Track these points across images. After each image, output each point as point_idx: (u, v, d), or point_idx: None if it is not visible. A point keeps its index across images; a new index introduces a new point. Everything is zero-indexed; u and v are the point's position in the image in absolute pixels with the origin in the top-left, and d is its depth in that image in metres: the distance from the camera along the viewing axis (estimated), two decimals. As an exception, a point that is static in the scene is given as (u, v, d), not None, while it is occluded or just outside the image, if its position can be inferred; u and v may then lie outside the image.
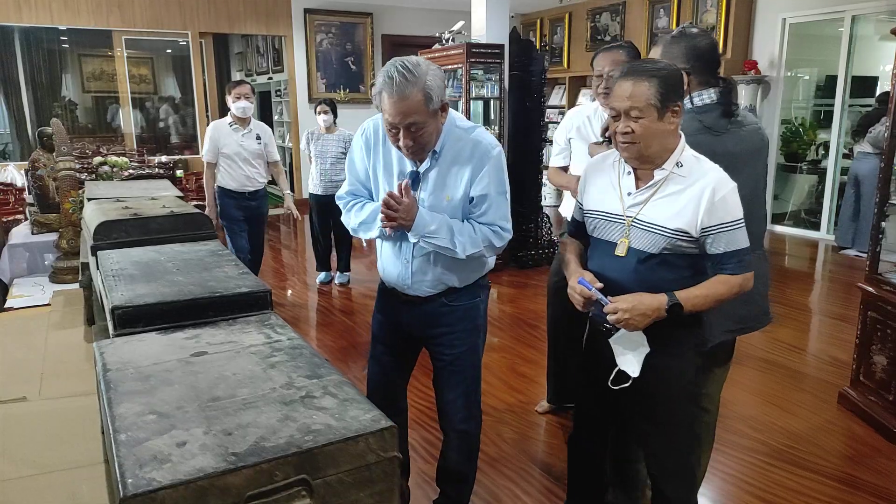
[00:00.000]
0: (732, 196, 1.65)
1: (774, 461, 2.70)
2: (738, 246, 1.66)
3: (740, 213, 1.66)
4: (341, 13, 8.97)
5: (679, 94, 1.66)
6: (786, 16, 6.88)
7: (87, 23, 7.58)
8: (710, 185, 1.64)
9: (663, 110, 1.63)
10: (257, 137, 4.46)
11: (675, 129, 1.68)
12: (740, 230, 1.66)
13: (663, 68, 1.67)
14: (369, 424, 1.06)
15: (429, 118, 1.76)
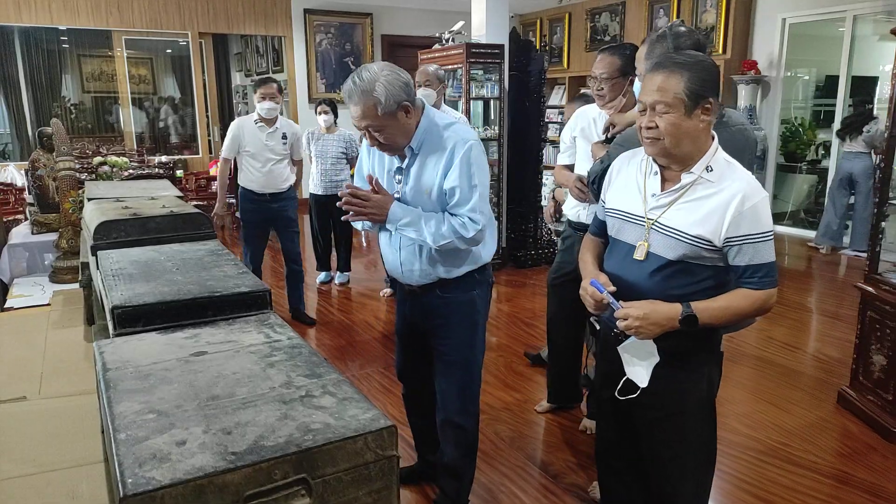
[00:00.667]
0: (763, 206, 1.54)
1: (769, 458, 2.71)
2: (764, 259, 1.55)
3: (770, 225, 1.55)
4: (341, 13, 8.98)
5: (713, 89, 1.54)
6: (785, 16, 6.89)
7: (86, 23, 7.59)
8: (741, 192, 1.53)
9: (693, 106, 1.53)
10: (283, 137, 4.23)
11: (706, 128, 1.57)
12: (768, 243, 1.55)
13: (699, 61, 1.55)
14: (368, 423, 1.06)
15: (384, 121, 1.88)
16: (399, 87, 1.88)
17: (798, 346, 3.94)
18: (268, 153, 4.18)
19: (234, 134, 4.20)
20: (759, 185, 1.57)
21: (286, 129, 4.26)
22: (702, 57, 1.59)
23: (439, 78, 3.87)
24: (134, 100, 8.63)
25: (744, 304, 1.57)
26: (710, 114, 1.55)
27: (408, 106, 1.91)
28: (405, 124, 1.93)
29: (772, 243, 1.56)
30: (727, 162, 1.59)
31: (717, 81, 1.56)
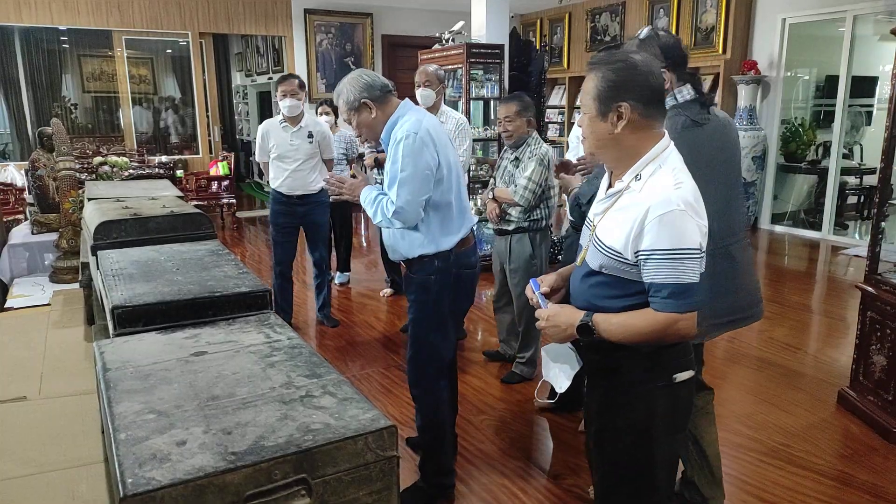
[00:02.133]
0: (669, 220, 1.38)
1: (769, 459, 2.70)
2: (667, 280, 1.39)
3: (683, 243, 1.38)
4: (341, 13, 8.98)
5: (629, 93, 1.42)
6: (785, 16, 6.89)
7: (86, 23, 7.59)
8: (648, 203, 1.40)
9: (604, 110, 1.44)
10: (309, 135, 4.06)
11: (631, 134, 1.45)
12: (679, 261, 1.38)
13: (614, 61, 1.45)
14: (368, 424, 1.06)
15: (353, 116, 2.30)
16: (360, 88, 2.25)
17: (799, 347, 3.94)
18: (294, 153, 4.04)
19: (261, 135, 4.12)
20: (673, 197, 1.39)
21: (312, 128, 4.10)
22: (621, 57, 1.45)
23: (439, 78, 3.87)
24: (134, 100, 8.64)
25: (642, 324, 1.44)
26: (623, 119, 1.43)
27: (367, 103, 2.25)
28: (370, 119, 2.28)
29: (687, 262, 1.38)
30: (660, 172, 1.44)
31: (641, 85, 1.43)
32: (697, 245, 1.40)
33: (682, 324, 1.42)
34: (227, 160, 8.41)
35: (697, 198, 1.44)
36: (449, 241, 2.29)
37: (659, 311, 1.42)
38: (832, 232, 6.82)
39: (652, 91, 1.44)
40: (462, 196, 2.38)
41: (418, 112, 2.31)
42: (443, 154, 2.25)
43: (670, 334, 1.43)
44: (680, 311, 1.40)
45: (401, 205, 2.18)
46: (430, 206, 2.25)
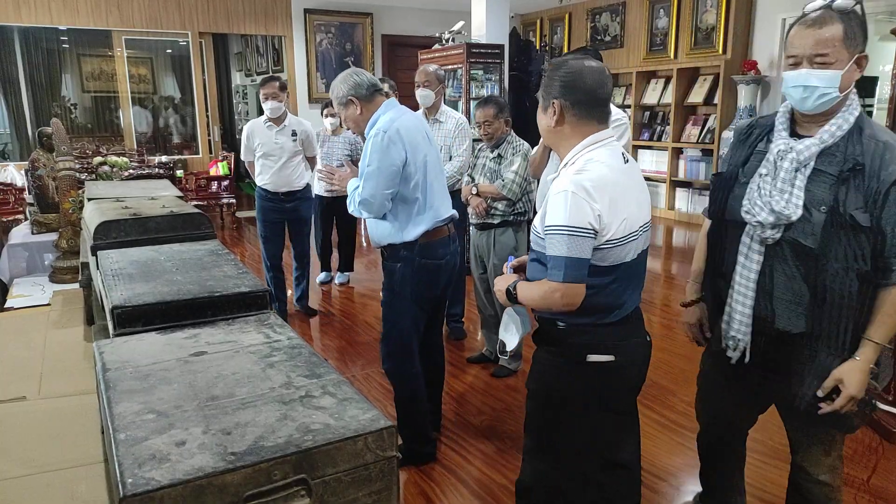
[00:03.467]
0: (558, 201, 1.58)
1: (770, 459, 2.70)
2: (555, 252, 1.57)
3: (558, 220, 1.57)
4: (341, 13, 8.98)
5: (557, 91, 1.69)
6: (785, 16, 6.89)
7: (86, 23, 7.59)
8: (553, 185, 1.65)
9: (545, 104, 1.74)
10: (293, 134, 4.27)
11: (559, 127, 1.70)
12: (553, 236, 1.57)
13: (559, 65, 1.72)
14: (368, 424, 1.06)
15: (341, 111, 2.54)
16: (349, 86, 2.48)
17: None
18: (279, 151, 4.23)
19: (246, 135, 4.31)
20: (569, 181, 1.58)
21: (295, 127, 4.32)
22: (558, 63, 1.72)
23: (439, 78, 3.87)
24: (134, 99, 8.64)
25: (535, 291, 1.67)
26: (556, 114, 1.69)
27: (353, 100, 2.48)
28: (356, 114, 2.51)
29: (559, 237, 1.56)
30: (580, 160, 1.65)
31: (573, 87, 1.66)
32: (583, 224, 1.56)
33: (559, 294, 1.59)
34: (227, 160, 8.42)
35: (598, 186, 1.58)
36: (414, 232, 2.48)
37: (549, 280, 1.60)
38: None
39: (584, 93, 1.66)
40: (433, 191, 2.53)
41: (396, 111, 2.49)
42: (412, 152, 2.43)
43: (553, 303, 1.61)
44: (557, 280, 1.58)
45: (365, 196, 2.42)
46: (398, 199, 2.46)
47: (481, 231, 3.51)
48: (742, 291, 1.71)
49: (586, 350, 1.68)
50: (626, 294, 1.69)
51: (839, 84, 1.55)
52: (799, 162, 1.61)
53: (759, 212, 1.63)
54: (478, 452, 2.78)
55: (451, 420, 3.06)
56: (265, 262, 4.44)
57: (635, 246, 1.67)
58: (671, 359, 3.74)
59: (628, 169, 1.70)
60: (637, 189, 1.71)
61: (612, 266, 1.64)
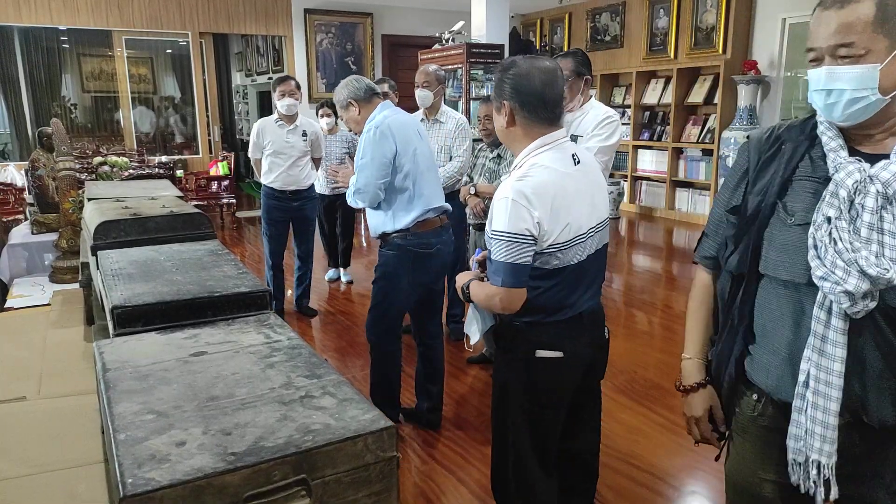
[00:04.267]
0: (498, 206, 1.61)
1: (773, 461, 2.70)
2: (495, 257, 1.62)
3: (499, 226, 1.60)
4: (341, 13, 8.98)
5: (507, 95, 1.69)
6: (785, 16, 6.89)
7: (86, 23, 7.59)
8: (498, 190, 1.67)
9: (497, 105, 1.73)
10: (303, 134, 4.30)
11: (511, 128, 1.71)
12: (494, 241, 1.62)
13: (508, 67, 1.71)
14: (368, 424, 1.06)
15: (343, 112, 2.82)
16: (349, 90, 2.76)
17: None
18: (290, 150, 4.24)
19: (256, 132, 4.30)
20: (511, 187, 1.60)
21: (306, 127, 4.33)
22: (507, 64, 1.71)
23: (438, 78, 3.87)
24: (134, 99, 8.64)
25: (479, 292, 1.72)
26: (506, 115, 1.70)
27: (353, 102, 2.76)
28: (356, 115, 2.78)
29: (498, 243, 1.60)
30: (526, 163, 1.67)
31: (516, 87, 1.67)
32: (521, 231, 1.58)
33: (498, 298, 1.64)
34: (227, 160, 8.42)
35: (539, 192, 1.59)
36: (405, 220, 2.69)
37: (488, 283, 1.67)
38: (832, 232, 6.81)
39: (532, 94, 1.66)
40: (423, 182, 2.72)
41: (391, 111, 2.77)
42: (403, 145, 2.66)
43: (492, 305, 1.68)
44: (497, 285, 1.63)
45: (359, 186, 2.67)
46: (390, 189, 2.68)
47: (480, 232, 3.51)
48: (823, 390, 1.17)
49: (536, 346, 1.73)
50: (575, 295, 1.72)
51: (878, 83, 1.12)
52: (887, 196, 1.12)
53: (845, 277, 1.11)
54: (478, 453, 2.78)
55: (451, 420, 3.06)
56: (267, 261, 4.48)
57: (583, 248, 1.69)
58: (671, 360, 3.73)
59: (579, 171, 1.69)
60: (589, 191, 1.71)
61: (556, 269, 1.67)
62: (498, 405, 1.88)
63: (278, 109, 4.22)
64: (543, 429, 1.83)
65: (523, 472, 1.85)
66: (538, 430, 1.83)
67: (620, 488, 2.52)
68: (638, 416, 3.04)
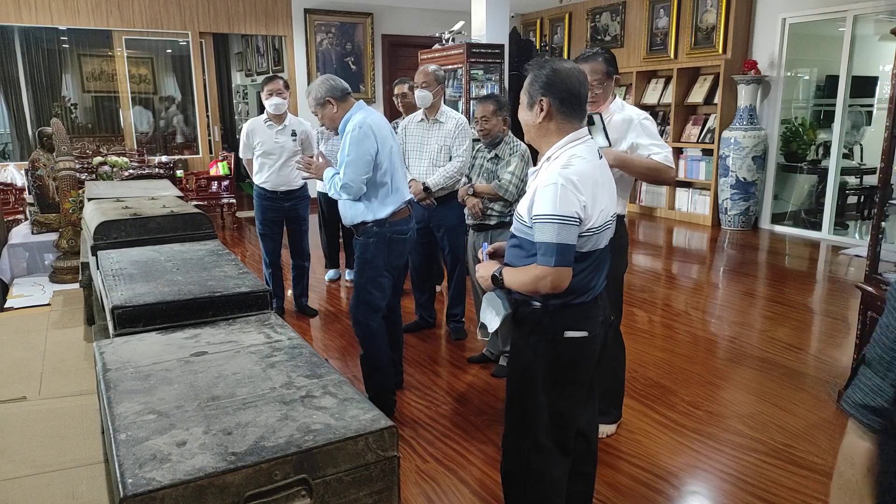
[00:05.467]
0: (548, 192, 1.71)
1: (772, 459, 2.70)
2: (544, 239, 1.72)
3: (549, 210, 1.71)
4: (341, 13, 8.97)
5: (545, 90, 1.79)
6: (785, 16, 6.89)
7: (86, 23, 7.59)
8: (541, 178, 1.77)
9: (531, 101, 1.84)
10: (293, 133, 4.28)
11: (547, 123, 1.82)
12: (552, 224, 1.71)
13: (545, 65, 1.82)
14: (369, 424, 1.06)
15: (318, 109, 2.94)
16: (326, 89, 2.89)
17: (800, 347, 3.94)
18: (279, 150, 4.24)
19: (246, 133, 4.32)
20: (557, 174, 1.72)
21: (296, 127, 4.32)
22: (539, 65, 1.83)
23: (437, 79, 3.87)
24: (134, 99, 8.64)
25: (523, 275, 1.79)
26: (543, 111, 1.80)
27: (330, 100, 2.90)
28: (332, 113, 2.92)
29: (555, 226, 1.70)
30: (564, 156, 1.78)
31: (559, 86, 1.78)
32: (571, 214, 1.70)
33: (550, 278, 1.72)
34: (227, 160, 8.41)
35: (583, 179, 1.73)
36: (384, 211, 2.93)
37: (537, 265, 1.73)
38: (832, 232, 6.81)
39: (568, 93, 1.79)
40: (397, 177, 2.98)
41: (366, 111, 2.95)
42: (382, 144, 2.88)
43: (542, 286, 1.74)
44: (548, 265, 1.71)
45: (346, 181, 2.85)
46: (369, 184, 2.89)
47: (478, 232, 3.50)
48: None
49: (564, 327, 1.83)
50: (597, 277, 1.87)
51: None
52: None
53: None
54: (478, 452, 2.78)
55: (451, 420, 3.06)
56: (264, 259, 4.50)
57: (608, 234, 1.85)
58: (671, 359, 3.74)
59: (602, 164, 1.85)
60: (610, 182, 1.87)
61: (589, 252, 1.80)
62: (518, 389, 1.92)
63: (267, 109, 4.23)
64: (568, 408, 1.91)
65: (540, 456, 1.91)
66: (561, 410, 1.90)
67: (621, 487, 2.51)
68: (638, 415, 3.04)
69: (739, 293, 5.05)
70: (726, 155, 7.07)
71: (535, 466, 1.92)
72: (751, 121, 7.02)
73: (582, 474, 2.09)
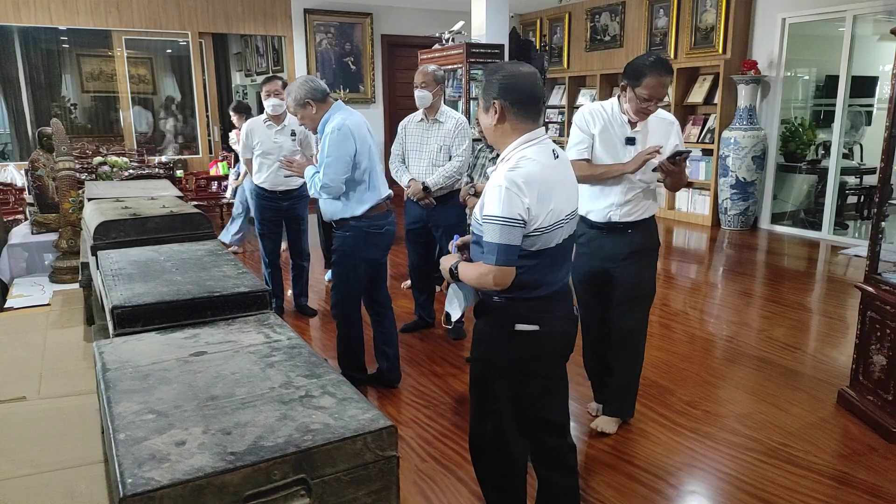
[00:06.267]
0: (493, 193, 1.78)
1: (769, 459, 2.70)
2: (489, 239, 1.79)
3: (493, 211, 1.77)
4: (341, 13, 8.97)
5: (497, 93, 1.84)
6: (785, 16, 6.89)
7: (85, 23, 7.59)
8: (491, 178, 1.85)
9: (486, 104, 1.89)
10: (292, 133, 4.31)
11: (500, 125, 1.87)
12: (495, 225, 1.77)
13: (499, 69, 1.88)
14: (368, 424, 1.06)
15: (298, 109, 3.05)
16: (306, 90, 2.99)
17: (798, 347, 3.94)
18: (278, 150, 4.25)
19: (245, 133, 4.34)
20: (503, 176, 1.78)
21: (295, 127, 4.33)
22: (492, 70, 1.90)
23: (437, 79, 3.87)
24: (134, 100, 8.64)
25: (471, 271, 1.87)
26: (497, 113, 1.85)
27: (309, 101, 3.00)
28: (312, 113, 3.03)
29: (493, 226, 1.77)
30: (515, 155, 1.84)
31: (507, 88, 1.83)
32: (514, 216, 1.76)
33: (492, 276, 1.79)
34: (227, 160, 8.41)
35: (528, 181, 1.77)
36: (361, 208, 3.08)
37: (481, 263, 1.82)
38: (832, 232, 6.82)
39: (521, 95, 1.84)
40: (375, 175, 3.12)
41: (345, 112, 3.07)
42: (361, 144, 3.01)
43: (486, 283, 1.82)
44: (492, 264, 1.79)
45: (326, 181, 2.99)
46: (349, 182, 3.03)
47: None
48: None
49: (515, 320, 1.89)
50: (552, 274, 1.90)
51: None
52: None
53: None
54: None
55: (450, 420, 3.07)
56: (263, 259, 4.51)
57: (560, 233, 1.88)
58: (670, 358, 3.74)
59: (558, 164, 1.88)
60: (566, 182, 1.91)
61: (538, 251, 1.85)
62: (479, 375, 2.03)
63: (266, 109, 4.26)
64: (525, 397, 1.99)
65: (501, 435, 2.02)
66: (518, 399, 1.98)
67: (620, 487, 2.52)
68: (637, 415, 3.04)
69: (738, 293, 5.05)
70: (726, 155, 7.08)
71: (493, 443, 2.03)
72: (750, 121, 7.02)
73: (565, 467, 2.13)
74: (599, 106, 2.75)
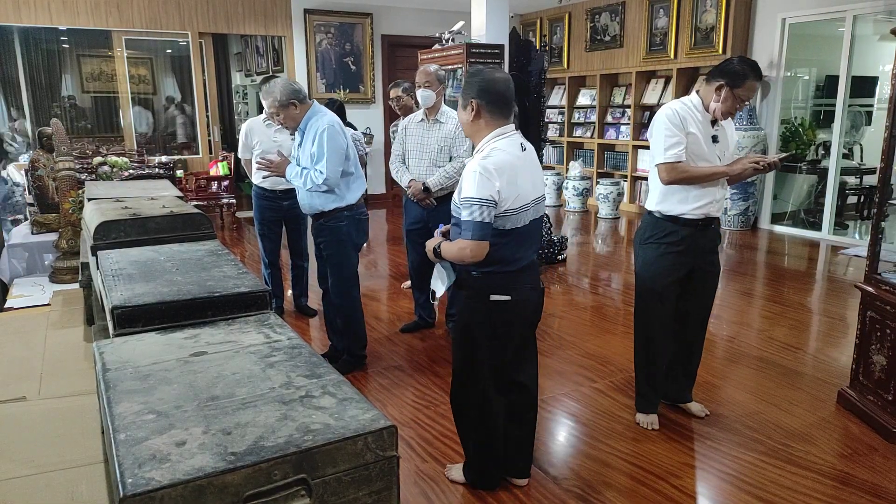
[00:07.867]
0: (471, 177, 2.08)
1: (770, 459, 2.70)
2: (464, 217, 2.10)
3: (469, 193, 2.07)
4: (341, 13, 8.97)
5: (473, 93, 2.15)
6: (785, 16, 6.89)
7: (85, 23, 7.58)
8: (467, 166, 2.13)
9: (464, 102, 2.19)
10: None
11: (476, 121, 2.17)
12: (469, 206, 2.07)
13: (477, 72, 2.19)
14: (368, 424, 1.06)
15: (280, 109, 3.22)
16: (289, 91, 3.18)
17: (798, 347, 3.94)
18: (277, 149, 4.20)
19: (245, 132, 4.34)
20: (477, 163, 2.08)
21: None
22: (474, 72, 2.20)
23: (439, 78, 3.87)
24: (134, 100, 8.63)
25: (452, 248, 2.17)
26: (473, 111, 2.15)
27: (294, 102, 3.20)
28: (294, 113, 3.23)
29: (470, 206, 2.08)
30: (488, 147, 2.15)
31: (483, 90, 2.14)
32: (487, 196, 2.06)
33: (469, 249, 2.10)
34: (227, 160, 8.41)
35: (499, 168, 2.07)
36: (352, 196, 3.36)
37: (461, 239, 2.12)
38: (832, 232, 6.82)
39: (495, 95, 2.14)
40: (358, 167, 3.40)
41: (325, 112, 3.29)
42: (347, 139, 3.29)
43: (464, 256, 2.12)
44: (469, 239, 2.09)
45: (327, 175, 3.18)
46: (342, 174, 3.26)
47: None
48: None
49: (489, 291, 2.20)
50: (521, 251, 2.20)
51: None
52: None
53: None
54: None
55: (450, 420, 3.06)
56: (263, 259, 4.51)
57: (527, 215, 2.18)
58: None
59: (524, 155, 2.19)
60: (531, 171, 2.21)
61: (509, 230, 2.14)
62: (462, 341, 2.33)
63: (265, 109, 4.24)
64: (501, 358, 2.30)
65: (481, 393, 2.32)
66: (495, 360, 2.29)
67: (620, 487, 2.52)
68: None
69: (738, 293, 5.05)
70: (726, 155, 7.07)
71: (474, 402, 2.34)
72: (750, 121, 7.02)
73: (523, 420, 2.46)
74: (686, 105, 2.83)
